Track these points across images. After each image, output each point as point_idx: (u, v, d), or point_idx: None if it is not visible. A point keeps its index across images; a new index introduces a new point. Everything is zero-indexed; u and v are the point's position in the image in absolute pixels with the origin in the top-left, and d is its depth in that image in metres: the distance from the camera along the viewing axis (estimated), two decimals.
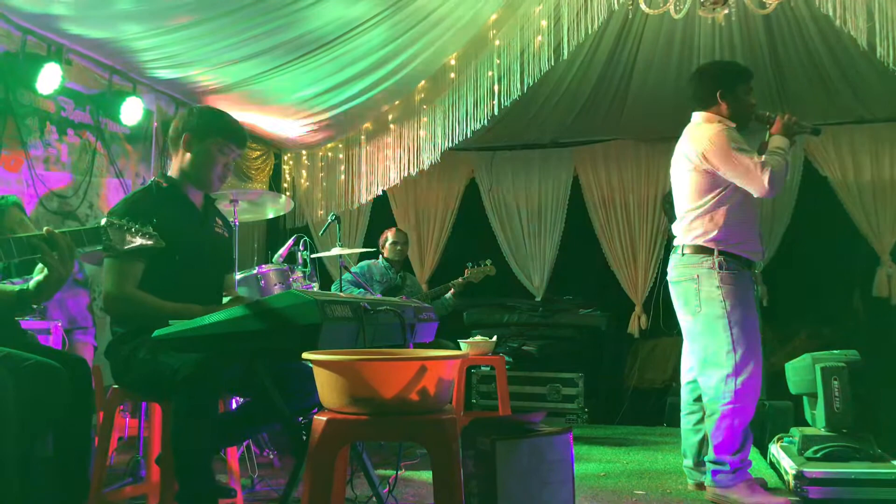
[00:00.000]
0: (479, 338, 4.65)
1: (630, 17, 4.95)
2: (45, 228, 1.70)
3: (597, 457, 4.16)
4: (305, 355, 1.66)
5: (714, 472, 3.10)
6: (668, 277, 3.29)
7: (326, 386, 1.60)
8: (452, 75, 5.24)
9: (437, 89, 5.41)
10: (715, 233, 3.12)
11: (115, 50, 4.41)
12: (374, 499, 2.60)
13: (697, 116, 3.29)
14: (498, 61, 4.87)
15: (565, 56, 4.59)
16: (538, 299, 6.69)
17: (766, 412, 4.50)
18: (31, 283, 1.80)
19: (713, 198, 3.14)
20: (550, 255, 6.83)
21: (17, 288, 1.84)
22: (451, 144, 5.40)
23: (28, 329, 3.02)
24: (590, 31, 4.41)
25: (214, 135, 2.54)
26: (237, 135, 2.61)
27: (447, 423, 1.60)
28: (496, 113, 5.03)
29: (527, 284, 6.87)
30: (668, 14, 4.09)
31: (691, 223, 3.19)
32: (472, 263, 5.41)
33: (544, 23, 4.60)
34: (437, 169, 6.01)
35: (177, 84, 5.00)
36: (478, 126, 5.18)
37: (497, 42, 4.88)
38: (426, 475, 3.61)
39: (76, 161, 4.56)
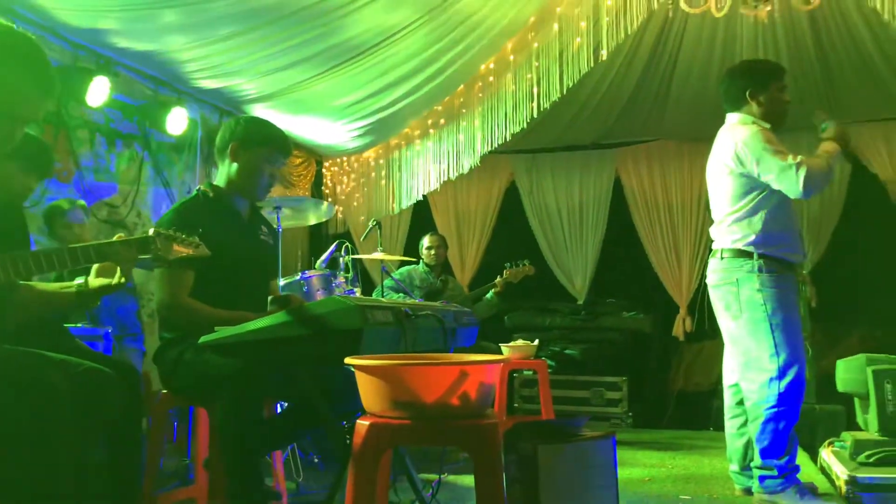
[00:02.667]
0: (520, 341, 4.63)
1: (671, 16, 4.88)
2: (95, 240, 1.76)
3: (642, 461, 4.11)
4: (348, 360, 1.67)
5: (762, 478, 3.04)
6: (708, 282, 3.25)
7: (368, 390, 1.61)
8: (491, 79, 5.24)
9: (476, 93, 5.42)
10: (754, 236, 3.06)
11: (161, 62, 4.52)
12: (417, 503, 2.61)
13: (731, 118, 3.23)
14: (537, 64, 4.86)
15: (605, 57, 4.56)
16: (580, 302, 6.65)
17: (816, 416, 4.41)
18: (92, 281, 1.86)
19: (751, 201, 3.09)
20: (592, 257, 6.78)
21: (75, 285, 1.90)
22: (490, 148, 5.40)
23: (79, 335, 3.11)
24: (629, 32, 4.38)
25: (261, 145, 2.58)
26: (283, 145, 2.65)
27: (488, 428, 1.60)
28: (535, 115, 5.02)
29: (568, 287, 6.82)
30: (709, 13, 4.04)
31: (730, 227, 3.13)
32: (510, 264, 5.40)
33: (583, 24, 4.57)
34: (477, 172, 6.01)
35: (220, 94, 5.10)
36: (517, 129, 5.17)
37: (535, 44, 4.87)
38: (469, 480, 3.60)
39: (124, 171, 4.68)
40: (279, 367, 2.15)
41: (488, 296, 5.35)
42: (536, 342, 4.61)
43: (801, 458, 3.17)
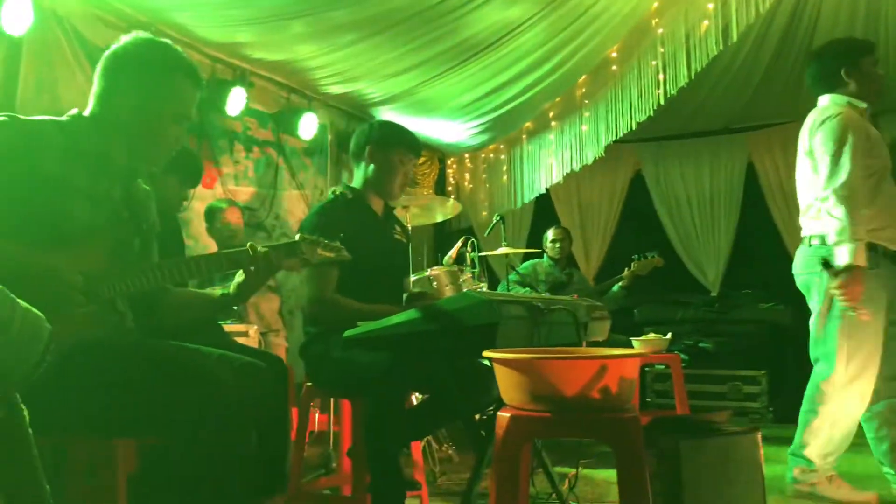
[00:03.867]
0: (652, 335, 4.53)
1: None
2: (248, 244, 1.88)
3: (787, 458, 3.91)
4: (487, 353, 1.70)
5: (798, 469, 2.99)
6: (794, 271, 3.11)
7: (509, 384, 1.64)
8: (614, 68, 5.15)
9: (599, 83, 5.34)
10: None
11: (292, 70, 4.74)
12: (554, 496, 2.62)
13: (824, 100, 3.08)
14: (662, 50, 4.73)
15: (734, 38, 4.38)
16: (713, 294, 6.41)
17: None
18: (232, 287, 1.98)
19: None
20: (725, 247, 6.53)
21: (218, 291, 2.03)
22: (615, 137, 5.31)
23: (228, 332, 3.31)
24: (761, 11, 4.18)
25: (394, 146, 2.68)
26: (414, 146, 2.76)
27: (631, 422, 1.58)
28: (662, 102, 4.89)
29: (700, 279, 6.60)
30: None
31: (818, 212, 2.92)
32: (638, 256, 5.28)
33: (710, 6, 4.40)
34: (600, 163, 5.90)
35: (347, 98, 5.28)
36: (642, 117, 5.05)
37: (660, 30, 4.74)
38: (604, 474, 3.57)
39: (261, 176, 4.94)
40: (418, 361, 2.21)
41: (614, 289, 5.26)
42: (669, 336, 4.48)
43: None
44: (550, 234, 5.41)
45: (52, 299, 1.51)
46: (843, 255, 2.73)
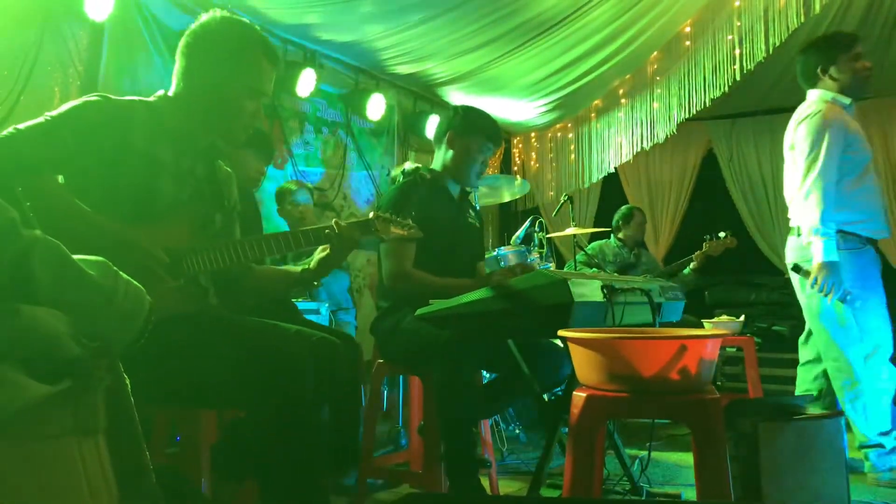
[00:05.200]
0: (724, 317, 4.41)
1: None
2: (333, 221, 1.92)
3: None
4: (562, 333, 1.69)
5: (872, 455, 2.96)
6: (786, 260, 3.20)
7: (585, 363, 1.62)
8: (688, 43, 5.01)
9: (672, 59, 5.21)
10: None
11: (360, 51, 4.76)
12: (625, 477, 2.60)
13: (812, 94, 3.17)
14: (738, 23, 4.57)
15: (817, 10, 4.20)
16: (787, 276, 6.21)
17: None
18: (312, 263, 2.02)
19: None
20: None
21: (300, 268, 2.07)
22: (687, 115, 5.18)
23: (300, 310, 3.38)
24: None
25: (475, 133, 2.69)
26: (495, 135, 2.75)
27: (711, 403, 1.55)
28: (738, 78, 4.73)
29: (774, 260, 6.41)
30: None
31: (804, 203, 2.97)
32: (710, 236, 5.15)
33: None
34: (671, 142, 5.77)
35: (414, 78, 5.28)
36: (717, 94, 4.91)
37: (737, 3, 4.58)
38: (674, 456, 3.52)
39: (330, 156, 5.00)
40: (490, 339, 2.22)
41: (685, 271, 5.14)
42: (742, 318, 4.37)
43: None
44: (637, 215, 5.30)
45: (140, 273, 1.56)
46: (816, 253, 2.88)
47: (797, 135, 3.04)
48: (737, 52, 4.63)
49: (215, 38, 1.84)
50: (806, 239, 2.92)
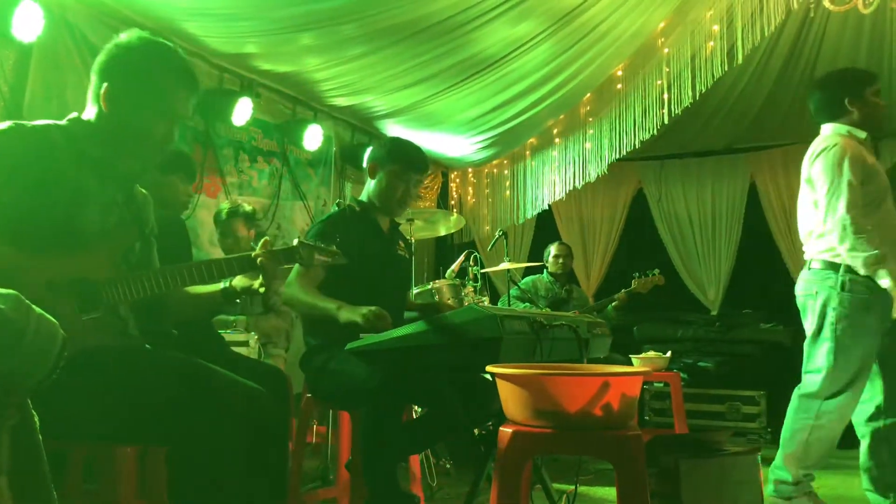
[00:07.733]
0: (651, 353, 4.53)
1: (811, 15, 4.66)
2: (259, 247, 1.88)
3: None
4: (491, 368, 1.70)
5: (776, 482, 3.00)
6: (796, 292, 3.17)
7: (511, 399, 1.64)
8: (619, 86, 5.18)
9: (604, 101, 5.37)
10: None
11: (298, 81, 4.75)
12: None
13: (826, 129, 3.13)
14: (667, 69, 4.76)
15: (740, 60, 4.41)
16: (714, 313, 6.41)
17: None
18: (235, 281, 1.97)
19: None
20: (726, 266, 6.54)
21: (220, 286, 2.01)
22: (618, 156, 5.33)
23: (228, 342, 3.31)
24: (766, 33, 4.22)
25: (395, 162, 2.69)
26: (416, 162, 2.73)
27: (632, 440, 1.58)
28: (666, 121, 4.92)
29: (700, 298, 6.60)
30: (854, 10, 3.82)
31: (819, 237, 3.01)
32: (638, 274, 5.29)
33: (716, 27, 4.45)
34: (602, 181, 5.93)
35: (352, 111, 5.30)
36: (646, 135, 5.09)
37: (666, 50, 4.78)
38: (601, 491, 3.56)
39: (265, 186, 4.94)
40: (419, 374, 2.21)
41: (608, 309, 5.27)
42: (669, 354, 4.48)
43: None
44: (553, 249, 5.42)
45: (59, 306, 1.51)
46: (884, 282, 2.80)
47: (814, 169, 2.99)
48: (665, 96, 4.81)
49: (131, 57, 1.79)
50: (865, 272, 2.82)
